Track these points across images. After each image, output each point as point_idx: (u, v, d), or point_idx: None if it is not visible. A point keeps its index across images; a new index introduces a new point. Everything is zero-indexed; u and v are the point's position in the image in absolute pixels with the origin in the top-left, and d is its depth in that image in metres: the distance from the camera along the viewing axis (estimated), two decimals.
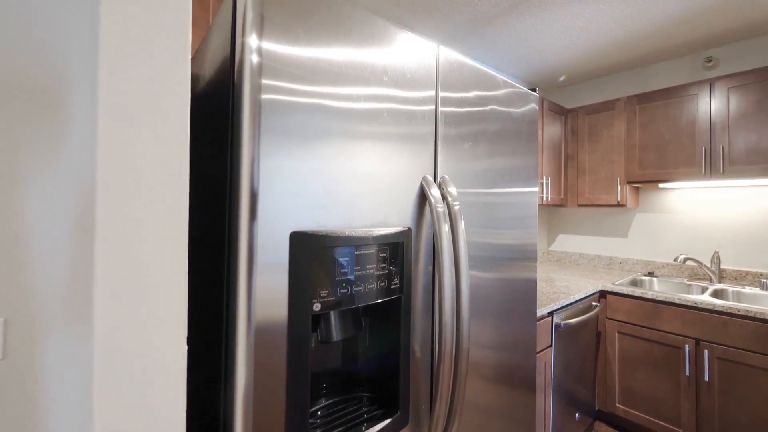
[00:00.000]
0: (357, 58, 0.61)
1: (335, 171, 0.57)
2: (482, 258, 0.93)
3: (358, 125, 0.61)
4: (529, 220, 1.13)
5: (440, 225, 0.68)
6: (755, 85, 1.87)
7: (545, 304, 1.70)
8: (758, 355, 1.60)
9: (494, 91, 0.97)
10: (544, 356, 1.64)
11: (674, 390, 1.84)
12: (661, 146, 2.17)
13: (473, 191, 0.90)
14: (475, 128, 0.89)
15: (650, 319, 1.92)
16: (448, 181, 0.76)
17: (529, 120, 1.14)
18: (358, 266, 0.56)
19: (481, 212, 0.92)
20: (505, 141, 1.02)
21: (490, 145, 0.96)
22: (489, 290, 0.95)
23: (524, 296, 1.10)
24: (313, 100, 0.54)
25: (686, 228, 2.34)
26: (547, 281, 2.21)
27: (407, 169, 0.70)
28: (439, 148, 0.78)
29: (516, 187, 1.07)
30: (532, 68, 2.59)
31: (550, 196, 2.40)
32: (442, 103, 0.78)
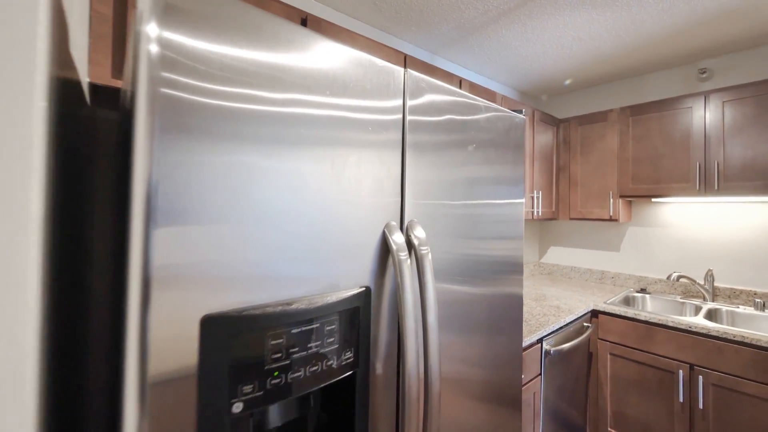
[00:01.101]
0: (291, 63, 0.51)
1: (268, 227, 0.47)
2: (462, 271, 0.84)
3: (303, 162, 0.51)
4: (514, 232, 1.04)
5: (403, 279, 0.58)
6: (751, 99, 1.80)
7: (535, 329, 1.61)
8: (755, 383, 1.53)
9: (474, 115, 0.87)
10: (533, 386, 1.56)
11: (667, 416, 1.77)
12: (655, 160, 2.10)
13: (454, 203, 0.81)
14: (452, 152, 0.80)
15: (643, 342, 1.85)
16: (415, 224, 0.67)
17: (515, 142, 1.04)
18: (296, 347, 0.46)
19: (461, 224, 0.84)
20: (489, 158, 0.93)
21: (471, 160, 0.87)
22: (469, 305, 0.87)
23: (509, 311, 1.02)
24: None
25: (679, 243, 2.27)
26: (538, 299, 2.13)
27: (367, 214, 0.60)
28: (408, 180, 0.68)
29: (500, 199, 0.98)
30: (525, 78, 2.51)
31: (541, 210, 2.32)
32: (410, 130, 0.68)
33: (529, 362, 1.54)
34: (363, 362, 0.56)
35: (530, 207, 2.24)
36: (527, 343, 1.50)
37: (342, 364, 0.52)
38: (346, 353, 0.53)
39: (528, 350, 1.53)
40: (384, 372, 0.63)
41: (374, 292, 0.61)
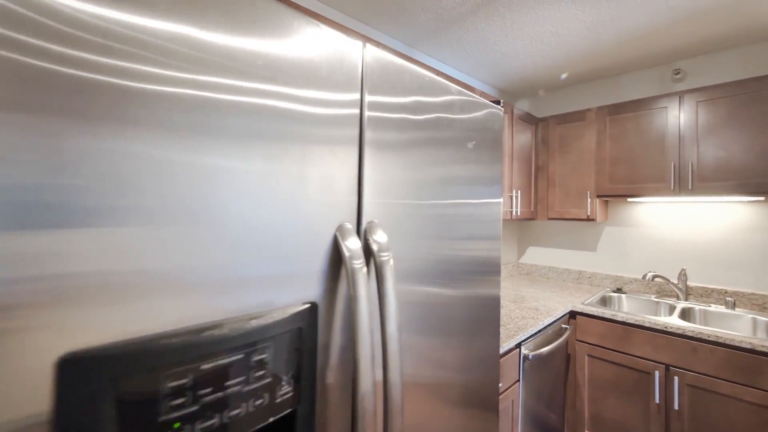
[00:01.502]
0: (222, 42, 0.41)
1: (167, 230, 0.36)
2: (436, 273, 0.78)
3: (218, 158, 0.41)
4: (491, 233, 0.97)
5: (356, 293, 0.49)
6: (723, 99, 1.81)
7: (513, 333, 1.55)
8: (729, 383, 1.53)
9: (443, 97, 0.79)
10: (511, 394, 1.50)
11: (644, 417, 1.75)
12: (632, 160, 2.10)
13: (426, 203, 0.74)
14: (422, 140, 0.71)
15: (620, 343, 1.83)
16: (375, 226, 0.57)
17: (493, 136, 0.97)
18: (209, 387, 0.36)
19: (434, 224, 0.77)
20: (464, 153, 0.85)
21: (444, 157, 0.79)
22: (444, 307, 0.81)
23: (486, 312, 0.95)
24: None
25: (654, 243, 2.28)
26: (516, 301, 2.08)
27: (313, 215, 0.50)
28: (367, 176, 0.59)
29: (476, 198, 0.91)
30: (504, 75, 2.47)
31: (519, 210, 2.28)
32: (370, 121, 0.59)
33: (507, 368, 1.48)
34: (307, 396, 0.46)
35: (509, 207, 2.19)
36: (505, 348, 1.44)
37: (277, 402, 0.42)
38: (283, 387, 0.43)
39: (506, 356, 1.47)
40: (337, 402, 0.53)
41: (324, 309, 0.51)
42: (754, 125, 1.72)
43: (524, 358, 1.58)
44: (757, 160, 1.71)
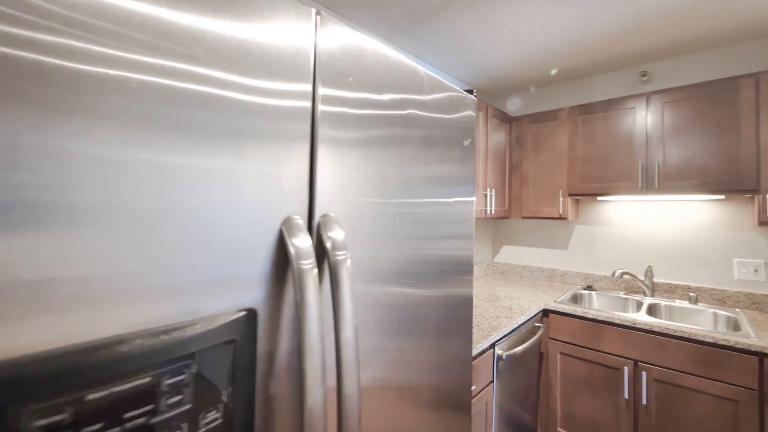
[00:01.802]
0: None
1: (51, 223, 0.29)
2: (405, 273, 0.73)
3: (123, 149, 0.33)
4: (464, 232, 0.94)
5: (304, 296, 0.42)
6: (688, 101, 1.86)
7: (487, 333, 1.52)
8: (693, 377, 1.56)
9: (417, 95, 0.74)
10: (485, 395, 1.47)
11: (614, 413, 1.77)
12: (602, 159, 2.13)
13: (396, 201, 0.69)
14: (385, 134, 0.66)
15: (592, 340, 1.85)
16: (331, 222, 0.51)
17: (465, 127, 0.92)
18: (99, 423, 0.28)
19: (404, 223, 0.72)
20: (435, 149, 0.80)
21: (414, 154, 0.74)
22: (414, 308, 0.76)
23: (458, 312, 0.92)
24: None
25: (622, 241, 2.33)
26: (491, 300, 2.07)
27: (252, 206, 0.43)
28: (320, 162, 0.53)
29: (449, 197, 0.86)
30: (480, 74, 2.46)
31: (494, 208, 2.27)
32: (324, 102, 0.53)
33: (481, 370, 1.44)
34: (241, 422, 0.39)
35: (483, 205, 2.18)
36: (479, 349, 1.41)
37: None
38: (210, 414, 0.36)
39: (480, 357, 1.44)
40: (284, 420, 0.46)
41: (267, 316, 0.44)
42: (716, 126, 1.78)
43: (498, 358, 1.56)
44: (719, 159, 1.77)
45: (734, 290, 1.95)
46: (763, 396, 1.42)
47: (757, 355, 1.44)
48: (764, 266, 1.88)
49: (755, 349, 1.43)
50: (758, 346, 1.43)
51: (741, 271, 1.94)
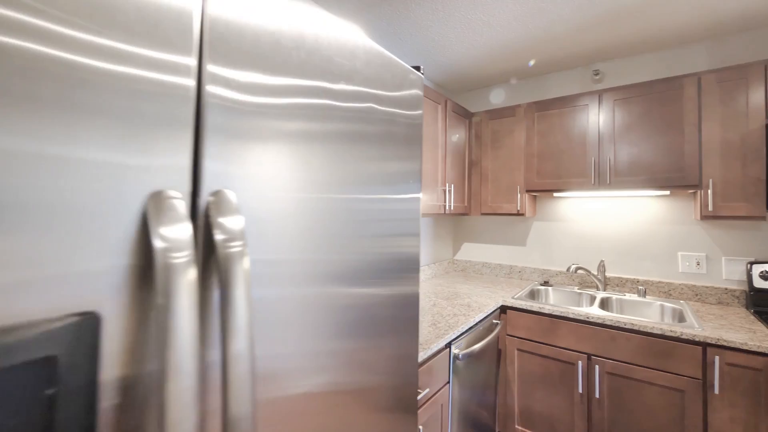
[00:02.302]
0: None
1: None
2: (349, 273, 0.67)
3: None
4: (408, 229, 0.85)
5: (170, 301, 0.31)
6: (637, 99, 1.91)
7: (444, 331, 1.46)
8: (643, 368, 1.59)
9: (350, 71, 0.64)
10: (440, 397, 1.40)
11: (569, 408, 1.78)
12: (557, 155, 2.15)
13: (335, 197, 0.62)
14: (317, 128, 0.56)
15: (547, 335, 1.84)
16: (226, 202, 0.40)
17: (409, 121, 0.84)
18: None
19: (345, 221, 0.65)
20: (377, 139, 0.71)
21: (355, 145, 0.64)
22: (356, 309, 0.69)
23: (403, 311, 0.83)
24: None
25: (577, 237, 2.38)
26: (449, 298, 2.01)
27: (97, 173, 0.32)
28: (208, 146, 0.42)
29: (391, 193, 0.78)
30: (440, 68, 2.41)
31: (453, 204, 2.22)
32: (217, 83, 0.42)
33: (436, 370, 1.37)
34: None
35: (442, 201, 2.12)
36: (434, 349, 1.33)
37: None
38: None
39: (435, 357, 1.37)
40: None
41: (122, 327, 0.32)
42: (662, 124, 1.84)
43: (455, 358, 1.49)
44: (665, 156, 1.82)
45: (679, 282, 2.03)
46: (706, 385, 1.46)
47: (700, 345, 1.48)
48: (705, 259, 1.97)
49: (699, 339, 1.47)
50: (702, 336, 1.46)
51: (685, 264, 2.02)
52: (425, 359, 1.32)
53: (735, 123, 1.67)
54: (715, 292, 1.93)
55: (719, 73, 1.71)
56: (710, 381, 1.45)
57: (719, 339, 1.43)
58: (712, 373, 1.45)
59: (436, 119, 2.07)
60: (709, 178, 1.71)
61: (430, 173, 2.00)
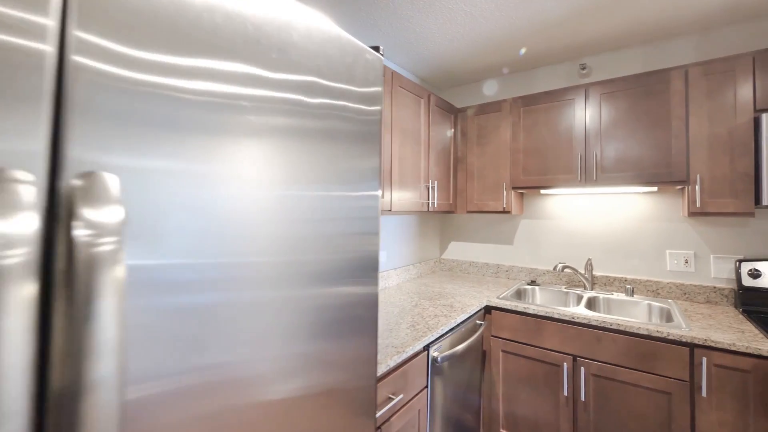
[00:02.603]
0: None
1: None
2: (303, 274, 0.62)
3: None
4: (364, 228, 0.78)
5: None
6: (623, 93, 1.85)
7: (422, 333, 1.39)
8: (629, 370, 1.53)
9: (291, 51, 0.57)
10: (417, 402, 1.33)
11: (554, 411, 1.72)
12: (544, 151, 2.09)
13: (284, 194, 0.56)
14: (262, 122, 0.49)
15: (533, 336, 1.78)
16: (97, 189, 0.33)
17: (366, 96, 0.77)
18: None
19: (282, 219, 0.59)
20: (330, 134, 0.64)
21: (308, 139, 0.58)
22: (308, 311, 0.64)
23: (360, 312, 0.76)
24: None
25: (565, 235, 2.32)
26: (432, 298, 1.95)
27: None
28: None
29: (342, 190, 0.71)
30: (424, 61, 2.34)
31: (437, 202, 2.16)
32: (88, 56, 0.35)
33: (412, 374, 1.31)
34: None
35: (426, 198, 2.06)
36: (410, 352, 1.27)
37: None
38: None
39: (412, 360, 1.30)
40: None
41: None
42: (649, 118, 1.78)
43: (433, 361, 1.43)
44: (652, 151, 1.77)
45: (667, 281, 1.98)
46: (694, 387, 1.41)
47: (687, 346, 1.43)
48: (693, 257, 1.92)
49: (686, 339, 1.41)
50: (689, 336, 1.41)
51: (673, 262, 1.97)
52: (400, 363, 1.25)
53: (723, 117, 1.62)
54: (703, 291, 1.88)
55: (706, 65, 1.66)
56: (698, 383, 1.40)
57: (707, 339, 1.38)
58: (699, 374, 1.39)
59: (418, 114, 2.01)
60: (697, 174, 1.66)
61: (411, 170, 1.93)
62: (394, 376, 1.21)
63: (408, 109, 1.90)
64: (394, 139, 1.78)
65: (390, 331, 1.42)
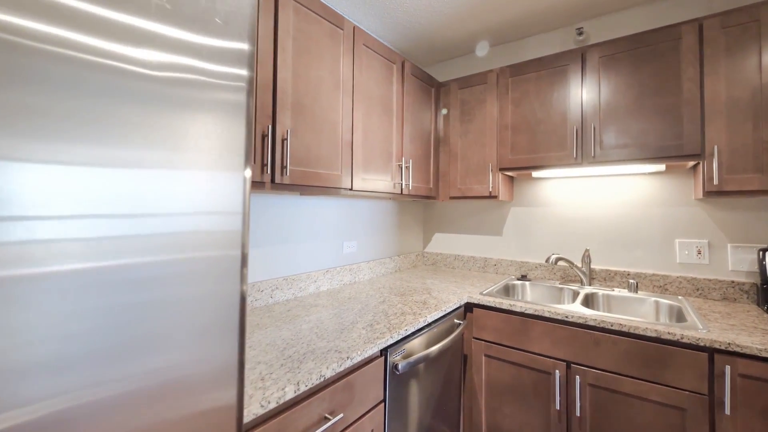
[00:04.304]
0: None
1: None
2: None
3: None
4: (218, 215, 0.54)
5: None
6: (626, 54, 1.59)
7: (380, 335, 1.12)
8: (633, 380, 1.27)
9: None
10: (370, 420, 1.06)
11: (545, 428, 1.45)
12: (534, 127, 1.83)
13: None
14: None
15: (519, 338, 1.52)
16: None
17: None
18: None
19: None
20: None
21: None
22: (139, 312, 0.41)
23: (216, 315, 0.51)
24: None
25: (559, 223, 2.06)
26: (404, 294, 1.68)
27: None
28: None
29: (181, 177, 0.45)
30: (403, 29, 2.08)
31: (412, 184, 1.90)
32: None
33: (363, 386, 1.04)
34: None
35: (398, 179, 1.79)
36: (358, 359, 1.00)
37: None
38: None
39: (362, 369, 1.04)
40: None
41: None
42: (656, 83, 1.52)
43: (393, 368, 1.16)
44: (658, 122, 1.51)
45: (676, 275, 1.71)
46: (714, 402, 1.14)
47: (706, 351, 1.16)
48: (707, 247, 1.66)
49: (704, 343, 1.15)
50: (707, 339, 1.14)
51: (683, 253, 1.70)
52: (342, 372, 0.98)
53: (744, 77, 1.36)
54: (719, 286, 1.61)
55: (725, 16, 1.40)
56: (719, 397, 1.13)
57: (730, 344, 1.11)
58: (721, 387, 1.13)
59: (390, 81, 1.74)
60: (714, 145, 1.39)
61: (380, 145, 1.67)
62: (334, 389, 0.94)
63: (374, 73, 1.64)
64: (356, 106, 1.52)
65: (341, 332, 1.15)
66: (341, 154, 1.43)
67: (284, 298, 1.55)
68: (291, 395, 0.80)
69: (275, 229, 1.55)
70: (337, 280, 1.83)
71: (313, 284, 1.69)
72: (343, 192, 1.46)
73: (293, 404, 0.84)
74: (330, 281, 1.78)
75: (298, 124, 1.25)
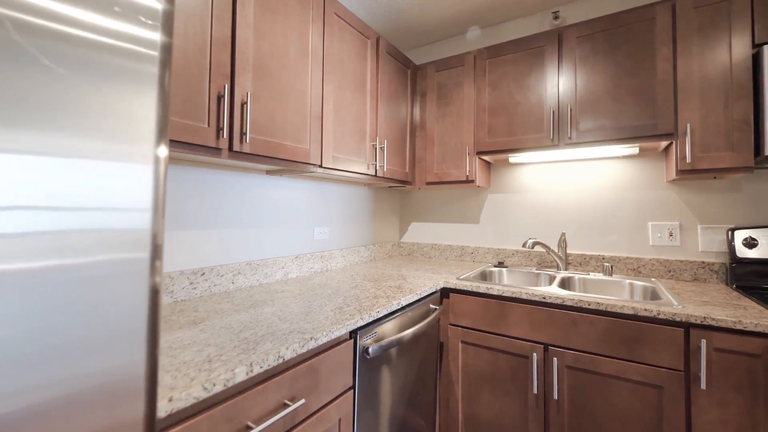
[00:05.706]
0: None
1: None
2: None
3: None
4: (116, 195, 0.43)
5: None
6: (602, 35, 1.58)
7: (350, 316, 1.03)
8: (610, 359, 1.24)
9: None
10: (338, 408, 0.97)
11: (522, 413, 1.41)
12: (511, 109, 1.79)
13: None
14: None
15: (497, 323, 1.47)
16: None
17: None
18: None
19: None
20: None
21: None
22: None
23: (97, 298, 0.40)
24: None
25: (536, 210, 2.04)
26: (377, 280, 1.60)
27: None
28: None
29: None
30: (380, 9, 2.00)
31: (387, 166, 1.82)
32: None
33: (329, 370, 0.95)
34: None
35: (372, 160, 1.71)
36: (324, 339, 0.91)
37: None
38: None
39: (328, 351, 0.94)
40: None
41: None
42: (631, 63, 1.51)
43: (363, 352, 1.08)
44: (633, 102, 1.50)
45: (649, 258, 1.71)
46: (690, 378, 1.12)
47: (682, 326, 1.14)
48: (678, 229, 1.67)
49: (680, 318, 1.13)
50: (683, 314, 1.12)
51: (656, 235, 1.71)
52: (306, 355, 0.89)
53: (716, 55, 1.36)
54: (690, 267, 1.62)
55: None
56: (695, 372, 1.11)
57: (705, 317, 1.09)
58: (697, 362, 1.11)
59: (364, 57, 1.66)
60: (687, 123, 1.39)
61: (353, 122, 1.58)
62: (295, 372, 0.84)
63: (347, 46, 1.55)
64: (327, 78, 1.42)
65: (306, 315, 1.06)
66: (310, 127, 1.34)
67: (248, 284, 1.43)
68: (242, 377, 0.70)
69: (238, 210, 1.43)
70: (307, 268, 1.72)
71: (280, 270, 1.58)
72: (312, 169, 1.36)
73: (245, 389, 0.74)
74: (300, 268, 1.68)
75: (261, 88, 1.14)
